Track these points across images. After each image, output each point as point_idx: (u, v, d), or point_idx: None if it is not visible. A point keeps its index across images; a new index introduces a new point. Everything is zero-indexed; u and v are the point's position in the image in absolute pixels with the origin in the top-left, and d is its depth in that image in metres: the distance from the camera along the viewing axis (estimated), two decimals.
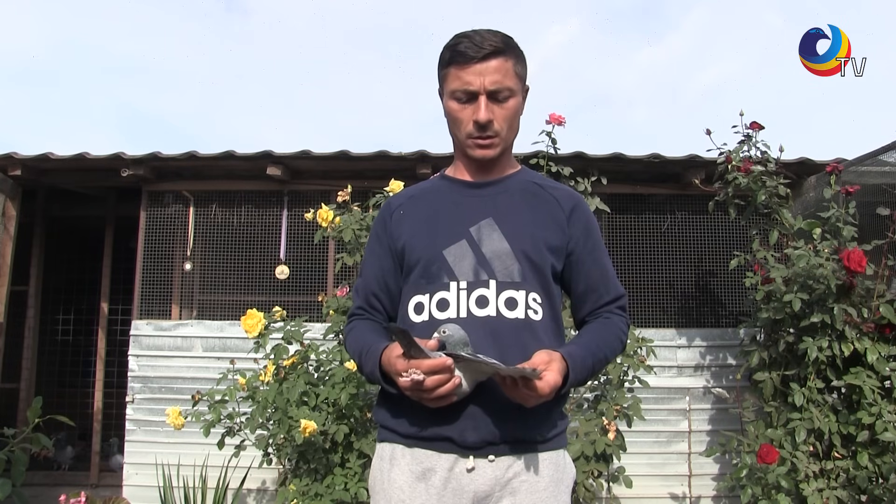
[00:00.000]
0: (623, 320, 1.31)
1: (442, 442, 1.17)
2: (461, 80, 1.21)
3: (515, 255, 1.22)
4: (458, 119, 1.24)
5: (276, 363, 2.79)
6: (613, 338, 1.27)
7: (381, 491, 1.22)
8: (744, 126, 3.29)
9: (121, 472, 3.96)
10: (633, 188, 4.04)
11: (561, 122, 3.15)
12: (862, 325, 2.89)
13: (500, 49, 1.20)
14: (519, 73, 1.24)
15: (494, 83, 1.20)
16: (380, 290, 1.32)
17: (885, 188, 3.25)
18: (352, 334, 1.32)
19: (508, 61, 1.22)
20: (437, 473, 1.17)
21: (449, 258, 1.22)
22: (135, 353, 3.96)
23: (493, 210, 1.26)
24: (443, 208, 1.30)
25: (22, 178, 3.83)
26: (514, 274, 1.21)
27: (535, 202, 1.29)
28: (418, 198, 1.35)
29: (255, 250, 4.07)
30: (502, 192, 1.29)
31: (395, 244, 1.30)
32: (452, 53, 1.22)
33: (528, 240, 1.23)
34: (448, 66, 1.23)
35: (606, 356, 1.26)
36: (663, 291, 4.09)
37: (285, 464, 2.92)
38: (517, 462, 1.17)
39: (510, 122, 1.25)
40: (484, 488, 1.16)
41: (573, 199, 1.32)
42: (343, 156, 3.80)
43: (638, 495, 3.46)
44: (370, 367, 1.20)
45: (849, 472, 2.89)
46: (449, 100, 1.25)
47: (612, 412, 2.98)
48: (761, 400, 3.18)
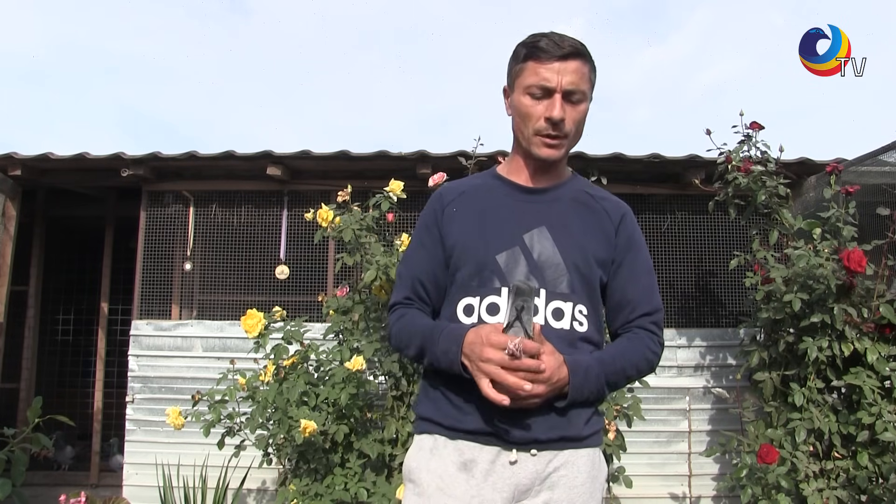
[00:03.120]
0: (654, 338, 1.29)
1: (486, 436, 1.19)
2: (539, 75, 1.21)
3: (566, 266, 1.23)
4: (529, 114, 1.24)
5: (276, 363, 2.79)
6: (638, 355, 1.26)
7: (418, 479, 1.23)
8: (744, 126, 3.29)
9: (121, 472, 3.96)
10: (633, 188, 4.04)
11: None
12: (862, 325, 2.89)
13: (579, 51, 1.21)
14: (592, 80, 1.26)
15: (571, 83, 1.20)
16: (428, 280, 1.31)
17: (885, 188, 3.25)
18: (405, 320, 1.29)
19: (586, 66, 1.23)
20: (480, 465, 1.18)
21: (501, 263, 1.22)
22: (135, 353, 3.96)
23: (547, 218, 1.26)
24: (495, 210, 1.29)
25: (22, 178, 3.83)
26: (563, 285, 1.22)
27: (586, 213, 1.29)
28: (470, 195, 1.34)
29: (255, 250, 4.07)
30: (556, 201, 1.29)
31: (445, 240, 1.30)
32: (532, 49, 1.22)
33: (579, 252, 1.24)
34: (525, 61, 1.23)
35: (626, 372, 1.24)
36: (663, 291, 4.06)
37: (285, 464, 2.92)
38: (557, 457, 1.19)
39: (578, 125, 1.25)
40: (525, 481, 1.18)
41: (621, 210, 1.33)
42: (343, 156, 3.80)
43: (638, 495, 3.46)
44: (447, 345, 1.17)
45: (849, 472, 2.89)
46: (522, 94, 1.24)
47: (612, 412, 2.98)
48: (761, 400, 3.18)
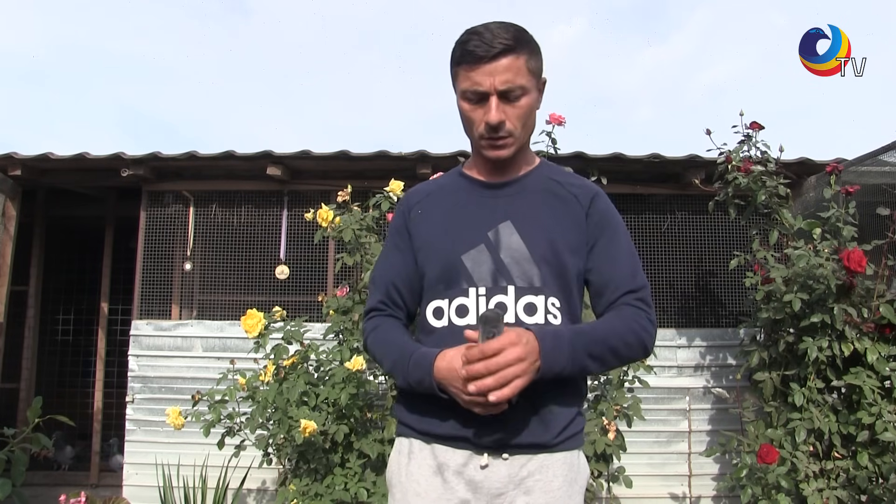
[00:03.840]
0: (641, 313, 1.20)
1: (457, 440, 1.17)
2: (471, 80, 1.16)
3: (534, 260, 1.19)
4: (469, 119, 1.21)
5: (276, 363, 2.79)
6: (623, 327, 1.18)
7: (399, 483, 1.23)
8: (744, 126, 3.29)
9: (121, 472, 3.96)
10: (633, 188, 4.04)
11: (561, 122, 3.15)
12: (862, 325, 2.88)
13: (510, 46, 1.15)
14: (532, 69, 1.19)
15: (505, 83, 1.15)
16: (402, 284, 1.28)
17: (885, 188, 3.25)
18: (377, 333, 1.27)
19: (520, 58, 1.16)
20: (451, 468, 1.17)
21: (468, 263, 1.20)
22: (135, 353, 3.96)
23: (511, 212, 1.23)
24: (460, 209, 1.27)
25: (22, 178, 3.83)
26: (533, 279, 1.18)
27: (553, 201, 1.25)
28: (436, 195, 1.32)
29: (255, 250, 4.07)
30: (520, 193, 1.26)
31: (413, 242, 1.28)
32: (462, 52, 1.17)
33: (548, 243, 1.20)
34: (458, 65, 1.19)
35: (609, 343, 1.16)
36: (663, 291, 4.09)
37: (285, 464, 2.92)
38: (531, 461, 1.16)
39: (524, 120, 1.21)
40: (497, 485, 1.16)
41: (591, 192, 1.28)
42: (343, 156, 3.80)
43: (638, 495, 3.46)
44: (419, 376, 1.15)
45: (849, 472, 2.89)
46: (460, 99, 1.21)
47: (612, 412, 2.98)
48: (761, 400, 3.18)
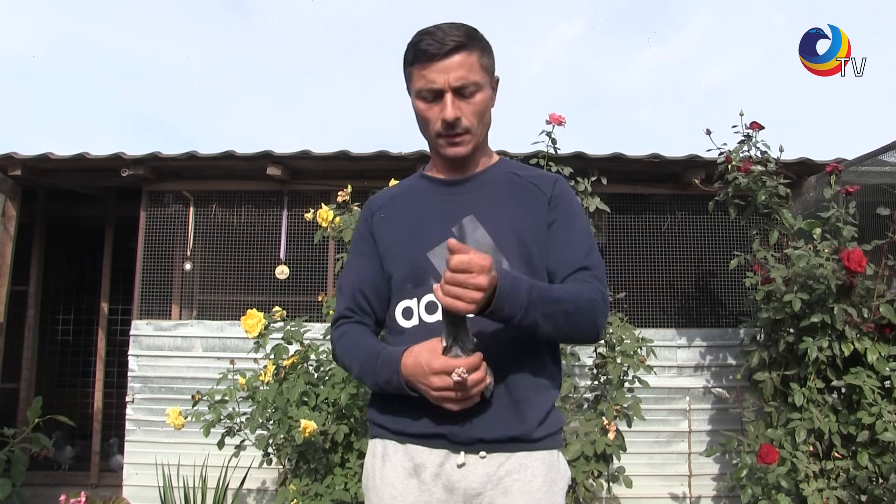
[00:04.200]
0: (595, 287, 1.18)
1: (433, 438, 1.15)
2: (425, 78, 1.17)
3: (501, 250, 1.20)
4: (426, 118, 1.22)
5: (276, 363, 2.79)
6: (576, 292, 1.15)
7: (374, 488, 1.21)
8: (744, 126, 3.29)
9: (121, 472, 3.96)
10: (633, 188, 4.04)
11: (561, 122, 3.15)
12: (862, 325, 2.88)
13: (462, 43, 1.16)
14: (485, 66, 1.21)
15: (459, 79, 1.16)
16: (369, 291, 1.27)
17: (885, 188, 3.25)
18: (345, 340, 1.27)
19: (472, 55, 1.18)
20: (428, 469, 1.15)
21: (434, 260, 1.20)
22: (135, 353, 3.96)
23: (474, 206, 1.24)
24: (423, 209, 1.28)
25: (22, 178, 3.83)
26: (500, 268, 1.18)
27: (515, 191, 1.26)
28: (398, 198, 1.33)
29: (255, 250, 4.07)
30: (481, 187, 1.27)
31: (378, 246, 1.28)
32: (415, 52, 1.18)
33: (513, 231, 1.21)
34: (412, 66, 1.20)
35: (562, 304, 1.12)
36: (663, 291, 4.09)
37: (285, 464, 2.92)
38: (510, 460, 1.15)
39: (479, 116, 1.21)
40: (475, 485, 1.14)
41: (552, 180, 1.29)
42: (343, 156, 3.80)
43: (638, 495, 3.46)
44: (387, 375, 1.14)
45: (849, 472, 2.89)
46: (416, 99, 1.22)
47: (612, 412, 2.98)
48: (761, 400, 3.18)
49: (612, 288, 3.49)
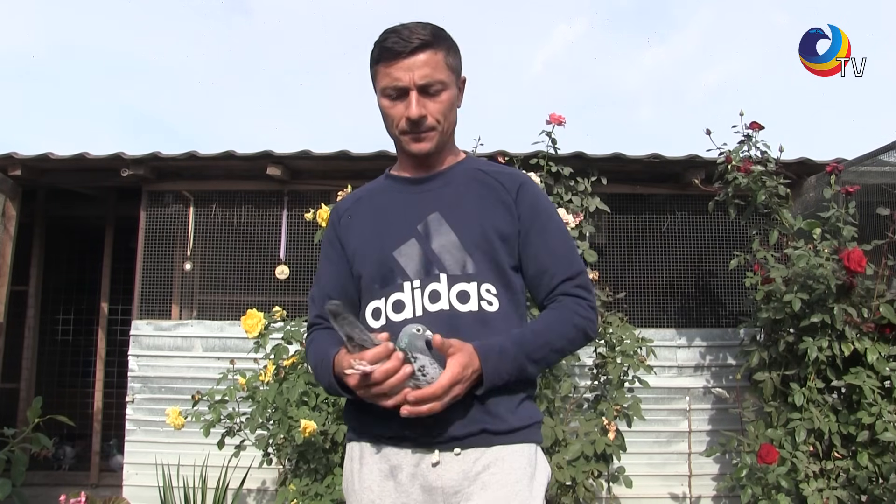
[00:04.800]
0: (581, 302, 1.19)
1: (406, 440, 1.14)
2: (390, 76, 1.17)
3: (465, 247, 1.18)
4: (390, 116, 1.21)
5: (276, 363, 2.79)
6: (565, 325, 1.17)
7: (353, 492, 1.20)
8: (744, 126, 3.29)
9: (121, 472, 3.96)
10: (633, 188, 4.04)
11: (561, 122, 3.16)
12: (862, 325, 2.88)
13: (428, 42, 1.16)
14: (451, 65, 1.21)
15: (424, 77, 1.16)
16: (337, 295, 1.26)
17: (885, 188, 3.25)
18: (311, 347, 1.27)
19: (438, 53, 1.18)
20: (404, 470, 1.14)
21: (400, 259, 1.19)
22: (135, 353, 3.95)
23: (439, 204, 1.23)
24: (389, 209, 1.27)
25: (22, 178, 3.83)
26: (466, 266, 1.18)
27: (480, 189, 1.25)
28: (365, 199, 1.33)
29: (255, 250, 4.07)
30: (446, 185, 1.26)
31: (346, 249, 1.28)
32: (380, 50, 1.18)
33: (478, 230, 1.20)
34: (377, 64, 1.20)
35: (553, 345, 1.16)
36: (663, 291, 4.09)
37: (285, 464, 2.92)
38: (485, 455, 1.13)
39: (444, 115, 1.21)
40: (451, 483, 1.12)
41: (518, 179, 1.27)
42: (343, 156, 3.80)
43: (638, 495, 3.46)
44: (327, 379, 1.16)
45: (849, 472, 2.89)
46: (381, 97, 1.22)
47: (612, 412, 2.98)
48: (761, 400, 3.18)
49: (612, 288, 3.49)
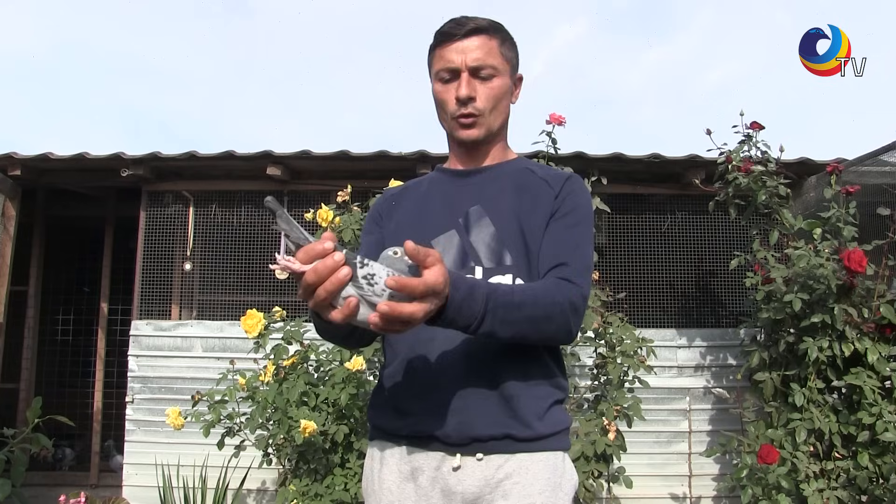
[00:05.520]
0: (570, 286, 1.10)
1: (428, 439, 1.12)
2: (443, 59, 1.19)
3: (503, 241, 1.18)
4: (443, 100, 1.21)
5: (276, 363, 2.79)
6: (546, 296, 1.07)
7: (372, 493, 1.18)
8: (744, 126, 3.29)
9: (121, 472, 3.96)
10: (633, 188, 4.04)
11: (561, 122, 3.15)
12: (862, 325, 2.88)
13: (483, 27, 1.18)
14: (506, 56, 1.21)
15: (476, 60, 1.17)
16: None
17: (886, 188, 3.25)
18: None
19: (493, 40, 1.19)
20: (425, 473, 1.12)
21: (437, 248, 1.18)
22: (135, 353, 3.95)
23: (481, 197, 1.22)
24: (432, 198, 1.27)
25: (22, 178, 3.83)
26: (502, 259, 1.17)
27: (525, 187, 1.24)
28: (411, 189, 1.34)
29: (255, 250, 4.07)
30: (492, 180, 1.25)
31: (385, 225, 1.29)
32: (436, 36, 1.21)
33: (517, 227, 1.19)
34: (433, 51, 1.22)
35: (526, 310, 1.03)
36: (663, 291, 4.09)
37: (285, 464, 2.92)
38: (509, 462, 1.10)
39: (495, 101, 1.20)
40: (472, 489, 1.09)
41: (564, 177, 1.25)
42: (343, 156, 3.80)
43: (638, 495, 3.46)
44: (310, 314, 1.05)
45: (849, 472, 2.88)
46: (434, 82, 1.23)
47: (612, 412, 2.98)
48: (761, 400, 3.18)
49: (612, 288, 3.48)
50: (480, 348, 1.10)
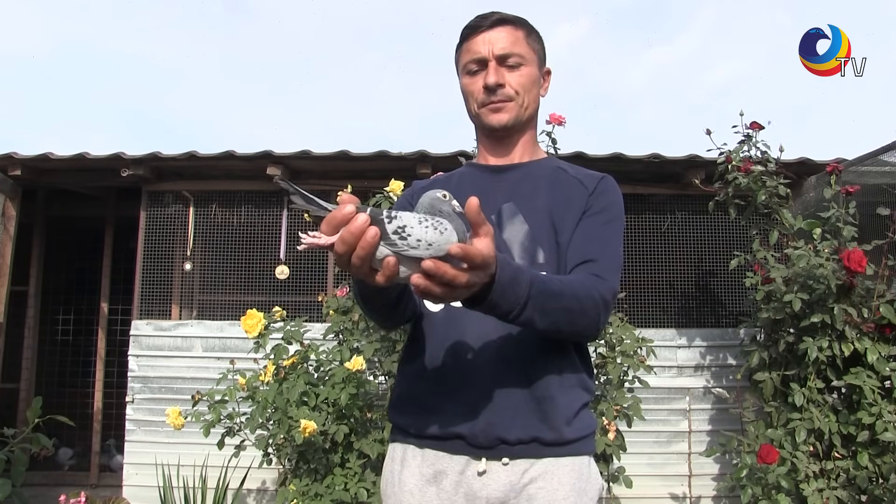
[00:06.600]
0: (600, 281, 1.07)
1: (453, 441, 1.10)
2: (470, 51, 1.20)
3: (536, 238, 1.17)
4: (471, 91, 1.21)
5: (276, 363, 2.79)
6: (580, 287, 1.03)
7: (392, 495, 1.16)
8: (744, 126, 3.29)
9: (121, 472, 3.96)
10: (633, 188, 4.04)
11: (561, 122, 3.15)
12: (862, 325, 2.88)
13: (508, 19, 1.19)
14: (533, 47, 1.22)
15: (502, 49, 1.18)
16: None
17: (886, 188, 3.25)
18: None
19: (518, 31, 1.20)
20: (449, 476, 1.10)
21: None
22: (135, 353, 3.96)
23: (515, 194, 1.21)
24: (465, 193, 1.24)
25: (22, 178, 3.83)
26: (535, 257, 1.16)
27: (557, 184, 1.22)
28: (442, 182, 1.32)
29: (255, 250, 4.07)
30: (525, 177, 1.24)
31: None
32: (463, 31, 1.22)
33: (549, 223, 1.18)
34: (461, 45, 1.23)
35: (562, 300, 0.99)
36: (663, 291, 4.09)
37: (285, 464, 2.92)
38: (534, 466, 1.09)
39: (525, 88, 1.20)
40: (497, 494, 1.08)
41: (598, 176, 1.24)
42: (343, 156, 3.80)
43: (638, 495, 3.46)
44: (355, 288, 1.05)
45: (849, 472, 2.88)
46: (462, 76, 1.23)
47: (612, 412, 2.98)
48: (761, 400, 3.18)
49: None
50: (513, 345, 1.08)
